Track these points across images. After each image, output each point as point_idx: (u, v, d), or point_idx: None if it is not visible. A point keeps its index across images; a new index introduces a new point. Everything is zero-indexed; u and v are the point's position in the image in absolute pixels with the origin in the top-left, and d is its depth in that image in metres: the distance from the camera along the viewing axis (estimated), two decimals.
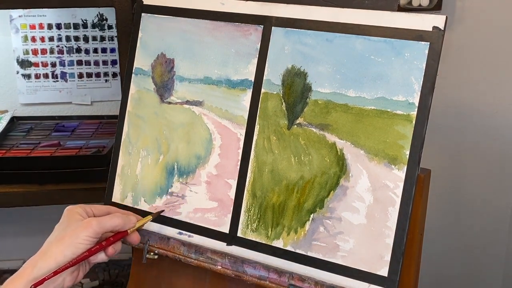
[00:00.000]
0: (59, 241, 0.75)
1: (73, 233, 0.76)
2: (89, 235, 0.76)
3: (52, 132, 1.37)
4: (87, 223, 0.76)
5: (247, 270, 0.81)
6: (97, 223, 0.77)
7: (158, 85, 0.89)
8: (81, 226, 0.76)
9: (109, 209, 0.84)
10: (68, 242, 0.75)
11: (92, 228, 0.76)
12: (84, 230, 0.76)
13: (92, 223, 0.76)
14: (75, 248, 0.75)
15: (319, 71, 0.78)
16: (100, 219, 0.78)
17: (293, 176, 0.79)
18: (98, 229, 0.77)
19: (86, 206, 0.81)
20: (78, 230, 0.76)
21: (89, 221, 0.77)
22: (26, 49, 1.45)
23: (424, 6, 1.19)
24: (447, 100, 1.32)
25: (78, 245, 0.76)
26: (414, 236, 0.80)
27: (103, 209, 0.83)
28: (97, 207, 0.82)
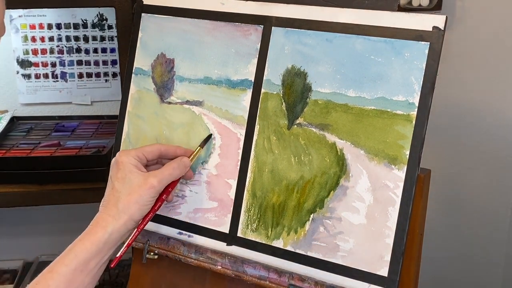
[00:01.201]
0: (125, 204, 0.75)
1: (137, 195, 0.75)
2: (153, 195, 0.76)
3: (52, 132, 1.38)
4: (149, 184, 0.76)
5: (247, 270, 0.81)
6: (158, 183, 0.76)
7: (158, 85, 0.89)
8: (144, 187, 0.75)
9: (159, 149, 0.81)
10: (135, 207, 0.75)
11: (154, 189, 0.76)
12: (147, 192, 0.75)
13: (154, 184, 0.76)
14: (142, 211, 0.76)
15: (319, 71, 0.78)
16: (160, 177, 0.77)
17: (293, 176, 0.79)
18: (159, 188, 0.77)
19: (138, 153, 0.79)
20: (141, 191, 0.75)
21: (151, 181, 0.76)
22: (26, 49, 1.45)
23: (424, 6, 1.19)
24: (447, 100, 1.32)
25: (144, 207, 0.76)
26: (414, 236, 0.80)
27: (153, 151, 0.80)
28: (147, 150, 0.80)
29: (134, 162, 0.78)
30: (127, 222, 0.75)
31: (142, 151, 0.79)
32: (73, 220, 1.58)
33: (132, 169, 0.77)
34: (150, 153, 0.80)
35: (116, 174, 0.77)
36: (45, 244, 1.59)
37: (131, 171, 0.77)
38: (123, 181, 0.76)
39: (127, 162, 0.77)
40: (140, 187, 0.75)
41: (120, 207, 0.75)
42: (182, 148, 0.83)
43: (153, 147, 0.81)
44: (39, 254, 1.58)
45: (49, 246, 1.59)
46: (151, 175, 0.77)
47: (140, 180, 0.76)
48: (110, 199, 0.76)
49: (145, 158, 0.79)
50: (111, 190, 0.76)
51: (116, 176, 0.77)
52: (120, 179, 0.76)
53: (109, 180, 0.78)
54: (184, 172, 0.81)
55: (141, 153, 0.79)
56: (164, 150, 0.82)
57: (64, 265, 0.72)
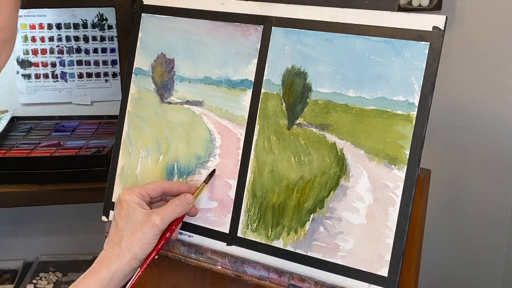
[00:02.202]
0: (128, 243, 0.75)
1: (140, 233, 0.75)
2: (156, 234, 0.76)
3: (52, 132, 1.38)
4: (152, 222, 0.76)
5: (247, 270, 0.81)
6: (161, 220, 0.76)
7: (158, 85, 0.89)
8: (146, 225, 0.75)
9: (162, 186, 0.81)
10: (138, 245, 0.75)
11: (157, 227, 0.76)
12: (150, 230, 0.76)
13: (156, 222, 0.76)
14: (146, 249, 0.76)
15: (319, 71, 0.78)
16: (163, 215, 0.77)
17: (293, 176, 0.79)
18: (162, 226, 0.77)
19: (141, 190, 0.79)
20: (144, 229, 0.75)
21: (154, 220, 0.76)
22: (26, 49, 1.45)
23: (424, 6, 1.19)
24: (447, 100, 1.32)
25: (147, 246, 0.76)
26: (414, 236, 0.80)
27: (157, 188, 0.80)
28: (150, 188, 0.80)
29: (137, 200, 0.78)
30: (131, 261, 0.75)
31: (145, 189, 0.79)
32: (73, 220, 1.59)
33: (135, 207, 0.77)
34: (153, 191, 0.80)
35: (120, 213, 0.77)
36: (45, 244, 1.59)
37: (134, 209, 0.77)
38: (127, 219, 0.76)
39: (130, 200, 0.77)
40: (143, 226, 0.76)
41: (124, 245, 0.75)
42: (186, 185, 0.83)
43: (156, 184, 0.81)
44: (39, 254, 1.58)
45: (49, 246, 1.59)
46: (154, 213, 0.77)
47: (143, 218, 0.76)
48: (113, 238, 0.76)
49: (148, 195, 0.79)
50: (115, 228, 0.77)
51: (119, 215, 0.77)
52: (123, 217, 0.76)
53: (113, 219, 0.78)
54: (188, 209, 0.81)
55: (144, 191, 0.79)
56: (167, 187, 0.82)
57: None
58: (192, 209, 0.82)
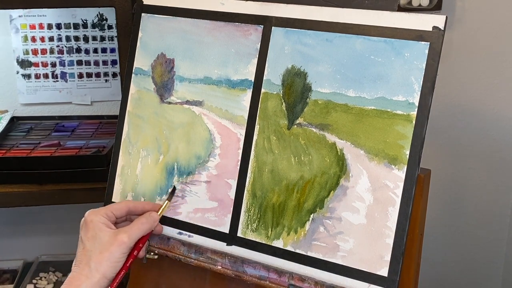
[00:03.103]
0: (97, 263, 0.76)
1: (108, 252, 0.76)
2: (124, 252, 0.77)
3: (52, 132, 1.37)
4: (120, 240, 0.77)
5: (247, 270, 0.81)
6: (128, 238, 0.78)
7: (158, 85, 0.89)
8: (114, 244, 0.77)
9: (127, 205, 0.83)
10: (107, 264, 0.76)
11: (125, 245, 0.77)
12: (118, 248, 0.77)
13: (124, 240, 0.77)
14: (114, 268, 0.77)
15: (319, 71, 0.78)
16: (130, 233, 0.78)
17: (293, 176, 0.79)
18: (130, 243, 0.78)
19: (107, 211, 0.80)
20: (112, 248, 0.76)
21: (121, 238, 0.77)
22: (26, 49, 1.45)
23: (424, 6, 1.19)
24: (447, 100, 1.32)
25: (116, 264, 0.77)
26: (414, 236, 0.80)
27: (121, 208, 0.82)
28: (115, 208, 0.81)
29: (102, 220, 0.79)
30: (100, 281, 0.75)
31: (110, 209, 0.80)
32: (73, 220, 1.58)
33: (102, 227, 0.78)
34: (118, 210, 0.81)
35: (86, 234, 0.78)
36: (45, 244, 1.59)
37: (100, 229, 0.77)
38: (94, 240, 0.77)
39: (96, 221, 0.78)
40: (111, 244, 0.76)
41: (92, 265, 0.75)
42: (150, 204, 0.85)
43: (120, 204, 0.83)
44: (39, 254, 1.58)
45: (49, 246, 1.59)
46: (121, 232, 0.78)
47: (110, 237, 0.77)
48: (82, 259, 0.77)
49: (113, 215, 0.81)
50: (83, 250, 0.77)
51: (86, 236, 0.78)
52: (90, 238, 0.77)
53: (80, 241, 0.79)
54: (153, 226, 0.82)
55: (109, 211, 0.80)
56: (132, 207, 0.83)
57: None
58: (158, 227, 0.84)
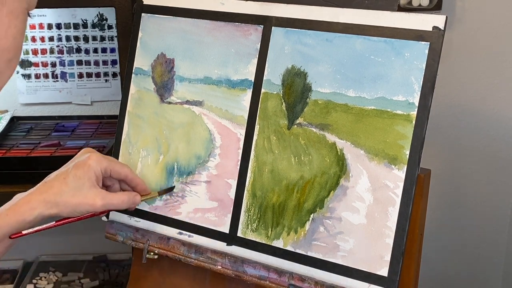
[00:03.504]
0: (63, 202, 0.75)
1: (77, 202, 0.76)
2: (89, 211, 0.78)
3: (52, 132, 1.38)
4: (93, 202, 0.77)
5: (247, 270, 0.81)
6: (102, 206, 0.77)
7: (158, 85, 0.89)
8: (86, 201, 0.76)
9: (126, 175, 0.82)
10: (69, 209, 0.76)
11: (93, 208, 0.77)
12: (86, 206, 0.77)
13: (97, 205, 0.77)
14: (72, 215, 0.77)
15: (319, 71, 0.78)
16: (106, 202, 0.77)
17: (293, 176, 0.79)
18: (100, 209, 0.78)
19: (107, 168, 0.79)
20: (83, 202, 0.76)
21: (96, 202, 0.77)
22: (26, 49, 1.45)
23: (424, 6, 1.19)
24: (447, 100, 1.32)
25: (75, 213, 0.77)
26: (414, 236, 0.80)
27: (121, 173, 0.81)
28: (115, 170, 0.80)
29: (97, 173, 0.78)
30: (52, 215, 0.76)
31: (111, 167, 0.80)
32: None
33: (92, 177, 0.77)
34: (117, 173, 0.81)
35: (76, 170, 0.77)
36: (45, 244, 1.59)
37: (89, 178, 0.77)
38: (77, 181, 0.77)
39: (92, 169, 0.78)
40: (85, 198, 0.76)
41: (58, 200, 0.75)
42: (143, 185, 0.85)
43: (122, 169, 0.82)
44: (39, 254, 1.58)
45: (49, 246, 1.58)
46: (100, 196, 0.77)
47: (89, 193, 0.77)
48: (54, 185, 0.76)
49: (109, 174, 0.80)
50: (62, 179, 0.77)
51: (74, 171, 0.77)
52: (76, 177, 0.77)
53: (67, 167, 0.78)
54: (130, 208, 0.82)
55: (109, 169, 0.80)
56: (129, 178, 0.83)
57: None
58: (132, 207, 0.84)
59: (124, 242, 0.89)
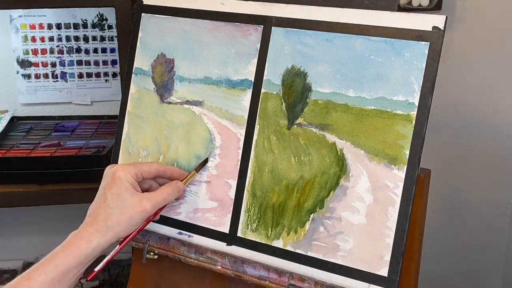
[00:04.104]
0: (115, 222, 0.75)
1: (129, 215, 0.75)
2: (143, 218, 0.77)
3: (52, 132, 1.37)
4: (143, 207, 0.76)
5: (247, 270, 0.81)
6: (152, 207, 0.77)
7: (158, 85, 0.89)
8: (136, 209, 0.76)
9: (157, 170, 0.81)
10: (124, 226, 0.75)
11: (147, 213, 0.77)
12: (139, 215, 0.76)
13: (147, 208, 0.76)
14: (130, 230, 0.77)
15: (319, 71, 0.78)
16: (154, 202, 0.77)
17: (293, 176, 0.79)
18: (152, 212, 0.78)
19: (136, 171, 0.78)
20: (133, 213, 0.75)
21: (145, 205, 0.76)
22: (26, 49, 1.45)
23: (424, 6, 1.19)
24: (447, 100, 1.32)
25: (132, 227, 0.77)
26: (414, 236, 0.80)
27: (151, 171, 0.80)
28: (145, 170, 0.80)
29: (131, 180, 0.77)
30: (112, 239, 0.75)
31: (140, 170, 0.79)
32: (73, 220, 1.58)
33: (128, 187, 0.77)
34: (148, 173, 0.80)
35: (111, 189, 0.76)
36: (45, 244, 1.58)
37: (126, 189, 0.76)
38: (117, 198, 0.76)
39: (124, 179, 0.77)
40: (133, 209, 0.76)
41: (109, 224, 0.75)
42: (178, 171, 0.84)
43: (151, 166, 0.81)
44: (39, 254, 1.58)
45: (49, 246, 1.57)
46: (145, 199, 0.77)
47: (134, 202, 0.76)
48: (99, 213, 0.76)
49: (142, 177, 0.80)
50: (103, 203, 0.76)
51: (110, 191, 0.76)
52: (114, 195, 0.76)
53: (101, 191, 0.77)
54: (177, 196, 0.82)
55: (139, 172, 0.79)
56: (161, 171, 0.82)
57: (43, 274, 0.72)
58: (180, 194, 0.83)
59: None
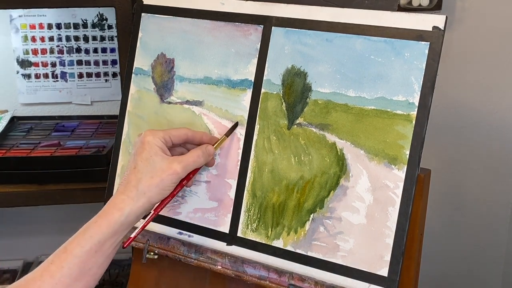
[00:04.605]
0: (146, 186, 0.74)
1: (159, 179, 0.74)
2: (174, 181, 0.76)
3: (52, 132, 1.37)
4: (173, 170, 0.75)
5: (247, 270, 0.81)
6: (182, 169, 0.75)
7: (158, 85, 0.89)
8: (167, 172, 0.74)
9: (186, 134, 0.80)
10: (156, 190, 0.74)
11: (177, 175, 0.75)
12: (170, 177, 0.75)
13: (177, 170, 0.75)
14: (162, 195, 0.75)
15: (319, 71, 0.78)
16: (184, 164, 0.76)
17: (293, 176, 0.79)
18: (183, 174, 0.76)
19: (165, 135, 0.77)
20: (164, 176, 0.74)
21: (175, 168, 0.75)
22: (26, 49, 1.45)
23: (424, 6, 1.19)
24: (447, 100, 1.32)
25: (164, 192, 0.75)
26: (414, 236, 0.80)
27: (181, 135, 0.79)
28: (174, 134, 0.78)
29: (160, 144, 0.76)
30: (145, 204, 0.74)
31: (169, 134, 0.78)
32: (73, 220, 1.58)
33: (158, 151, 0.75)
34: (177, 137, 0.79)
35: (141, 154, 0.75)
36: (45, 244, 1.58)
37: (156, 153, 0.75)
38: (147, 162, 0.75)
39: (153, 143, 0.76)
40: (164, 172, 0.74)
41: (141, 188, 0.74)
42: (207, 135, 0.82)
43: (180, 131, 0.80)
44: (39, 254, 1.58)
45: (49, 246, 1.57)
46: (176, 161, 0.75)
47: (164, 165, 0.75)
48: (130, 179, 0.74)
49: (171, 141, 0.78)
50: (133, 169, 0.75)
51: (140, 156, 0.75)
52: (144, 160, 0.75)
53: (132, 158, 0.76)
54: (208, 160, 0.80)
55: (168, 136, 0.77)
56: (191, 136, 0.80)
57: (79, 246, 0.71)
58: (211, 160, 0.82)
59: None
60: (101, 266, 0.73)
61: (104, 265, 0.74)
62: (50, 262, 0.71)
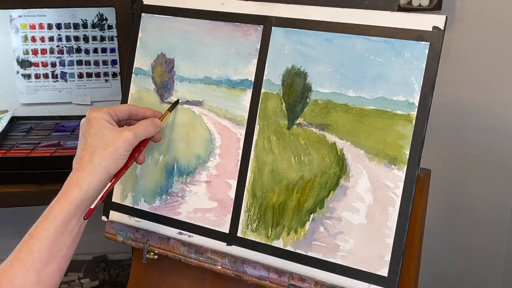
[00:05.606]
0: (100, 158, 0.74)
1: (112, 148, 0.75)
2: (127, 149, 0.76)
3: (52, 132, 1.38)
4: (125, 137, 0.76)
5: (247, 270, 0.81)
6: (133, 136, 0.77)
7: (158, 85, 0.89)
8: (119, 140, 0.75)
9: (129, 108, 0.82)
10: (110, 160, 0.75)
11: (129, 142, 0.76)
12: (123, 145, 0.75)
13: (129, 137, 0.76)
14: (117, 164, 0.76)
15: (319, 71, 0.78)
16: (135, 132, 0.77)
17: (293, 176, 0.79)
18: (134, 142, 0.77)
19: (109, 110, 0.79)
20: (116, 145, 0.75)
21: (126, 135, 0.76)
22: (26, 49, 1.45)
23: (424, 6, 1.19)
24: (447, 100, 1.32)
25: (119, 161, 0.76)
26: (414, 236, 0.80)
27: (124, 109, 0.81)
28: (118, 109, 0.80)
29: (106, 118, 0.77)
30: (102, 176, 0.75)
31: (113, 109, 0.79)
32: None
33: (105, 124, 0.77)
34: (121, 112, 0.80)
35: (89, 130, 0.76)
36: None
37: (104, 126, 0.76)
38: (96, 136, 0.76)
39: (99, 117, 0.77)
40: (115, 141, 0.75)
41: (96, 161, 0.74)
42: (151, 110, 0.84)
43: (123, 106, 0.82)
44: None
45: None
46: (126, 129, 0.77)
47: (114, 134, 0.76)
48: (83, 155, 0.75)
49: (116, 116, 0.79)
50: (84, 145, 0.76)
51: (89, 132, 0.76)
52: (93, 134, 0.76)
53: (81, 137, 0.77)
54: (156, 131, 0.81)
55: (112, 111, 0.79)
56: (134, 110, 0.82)
57: (44, 229, 0.72)
58: (157, 134, 0.83)
59: (124, 242, 0.89)
60: (70, 246, 0.74)
61: (73, 245, 0.75)
62: (18, 250, 0.71)
